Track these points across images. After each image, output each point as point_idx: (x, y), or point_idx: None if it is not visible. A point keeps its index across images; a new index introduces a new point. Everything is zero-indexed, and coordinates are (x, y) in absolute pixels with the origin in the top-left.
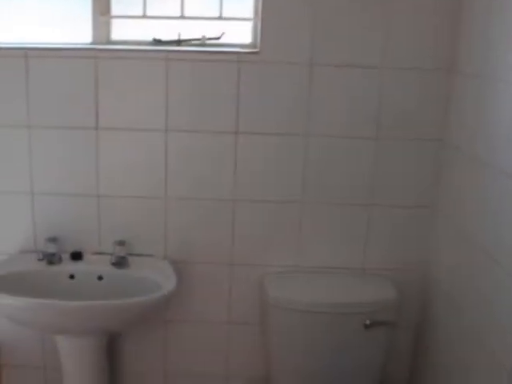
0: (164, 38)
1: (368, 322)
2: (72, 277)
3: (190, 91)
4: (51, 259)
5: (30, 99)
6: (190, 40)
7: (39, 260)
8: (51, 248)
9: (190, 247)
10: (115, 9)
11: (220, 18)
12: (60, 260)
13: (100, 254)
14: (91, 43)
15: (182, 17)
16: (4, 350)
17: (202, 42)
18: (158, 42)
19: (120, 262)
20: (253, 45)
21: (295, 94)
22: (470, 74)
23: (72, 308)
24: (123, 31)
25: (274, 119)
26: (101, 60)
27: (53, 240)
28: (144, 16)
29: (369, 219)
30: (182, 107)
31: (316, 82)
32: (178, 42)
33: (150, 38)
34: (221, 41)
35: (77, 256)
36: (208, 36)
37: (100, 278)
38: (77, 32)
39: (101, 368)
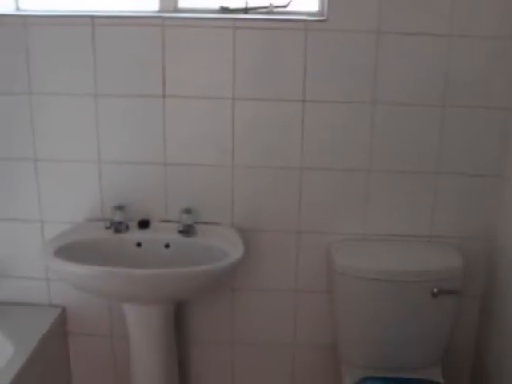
0: (231, 5)
1: (435, 290)
2: (139, 245)
3: (257, 59)
4: (118, 227)
5: (97, 67)
6: (257, 8)
7: (106, 228)
8: (118, 216)
9: (257, 215)
10: None
11: None
12: (127, 228)
13: (167, 222)
14: (158, 11)
15: None
16: (71, 318)
17: (269, 9)
18: (225, 9)
19: (187, 230)
20: (320, 13)
21: (362, 62)
22: None
23: (139, 276)
24: None
25: (341, 87)
26: (168, 28)
27: (120, 208)
28: None
29: (436, 187)
30: (248, 75)
31: (383, 49)
32: (245, 10)
33: (217, 6)
34: (288, 9)
35: (144, 224)
36: (275, 4)
37: (167, 246)
38: (144, 0)
39: (168, 336)
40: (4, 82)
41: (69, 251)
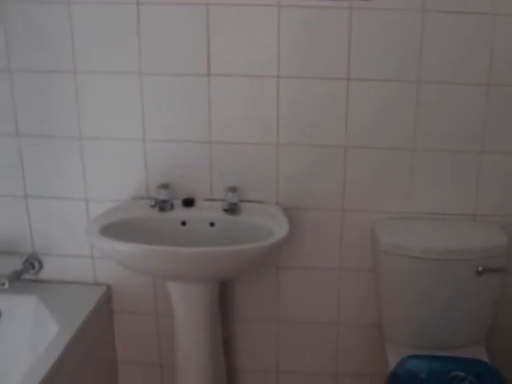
0: None
1: (480, 268)
2: (184, 223)
3: (301, 38)
4: (163, 206)
5: (142, 46)
6: None
7: (151, 207)
8: (163, 195)
9: (302, 193)
10: None
11: None
12: (172, 207)
13: (212, 200)
14: None
15: None
16: (116, 296)
17: None
18: None
19: (232, 209)
20: None
21: (407, 40)
22: None
23: (184, 254)
24: None
25: (386, 66)
26: (212, 7)
27: (165, 187)
28: None
29: (480, 166)
30: (293, 54)
31: (428, 28)
32: None
33: None
34: None
35: (189, 202)
36: None
37: (212, 224)
38: None
39: (212, 314)
40: (49, 60)
41: (114, 229)
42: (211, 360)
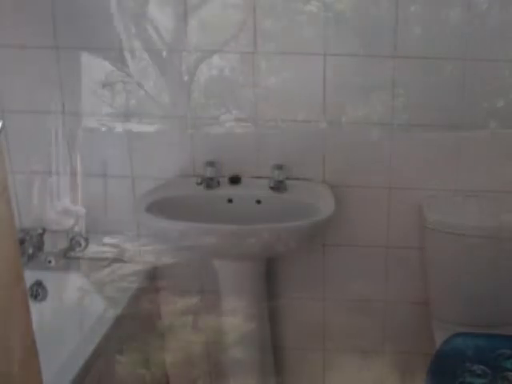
0: None
1: None
2: (230, 201)
3: (347, 15)
4: (209, 183)
5: (188, 24)
6: None
7: (197, 184)
8: (209, 172)
9: (348, 171)
10: None
11: None
12: (218, 184)
13: (258, 178)
14: None
15: None
16: (162, 273)
17: None
18: None
19: (278, 186)
20: None
21: (454, 18)
22: None
23: (231, 232)
24: None
25: (433, 43)
26: None
27: (211, 164)
28: None
29: None
30: (339, 32)
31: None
32: None
33: None
34: None
35: (235, 180)
36: None
37: (258, 201)
38: None
39: (259, 292)
40: (96, 38)
41: (160, 207)
42: (258, 337)
